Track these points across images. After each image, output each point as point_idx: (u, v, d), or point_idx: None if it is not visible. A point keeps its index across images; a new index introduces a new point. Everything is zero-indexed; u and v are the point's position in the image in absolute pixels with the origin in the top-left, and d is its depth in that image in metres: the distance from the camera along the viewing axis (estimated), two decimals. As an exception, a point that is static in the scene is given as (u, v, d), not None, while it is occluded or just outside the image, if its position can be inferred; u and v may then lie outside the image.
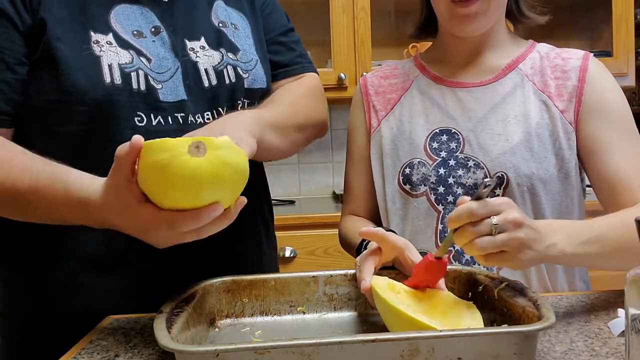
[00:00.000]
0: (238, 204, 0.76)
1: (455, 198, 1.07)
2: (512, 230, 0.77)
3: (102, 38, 0.94)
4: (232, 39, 1.05)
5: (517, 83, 1.10)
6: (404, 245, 0.90)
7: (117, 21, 0.96)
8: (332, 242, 2.07)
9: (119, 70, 0.93)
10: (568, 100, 1.06)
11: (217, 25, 1.05)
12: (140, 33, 0.97)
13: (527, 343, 0.67)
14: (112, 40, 0.94)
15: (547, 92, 1.08)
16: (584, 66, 1.08)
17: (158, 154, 0.69)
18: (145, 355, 0.78)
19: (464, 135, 1.09)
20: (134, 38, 0.96)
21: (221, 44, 1.04)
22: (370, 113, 1.19)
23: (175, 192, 0.70)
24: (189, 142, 0.69)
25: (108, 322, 0.91)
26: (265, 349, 0.64)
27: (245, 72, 1.04)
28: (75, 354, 0.79)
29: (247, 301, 0.91)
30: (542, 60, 1.11)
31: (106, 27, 0.95)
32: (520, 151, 1.05)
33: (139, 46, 0.96)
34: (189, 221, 0.71)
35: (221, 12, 1.07)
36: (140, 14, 0.98)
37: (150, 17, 0.99)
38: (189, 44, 1.01)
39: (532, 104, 1.07)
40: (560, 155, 1.05)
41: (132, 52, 0.95)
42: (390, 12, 2.63)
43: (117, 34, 0.95)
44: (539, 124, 1.06)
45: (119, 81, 0.93)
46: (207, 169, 0.69)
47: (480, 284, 0.87)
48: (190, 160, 0.68)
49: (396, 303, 0.76)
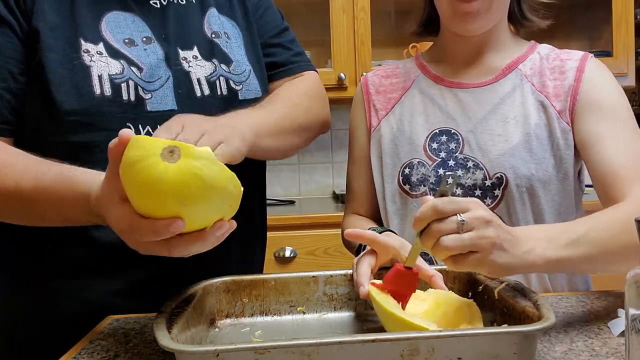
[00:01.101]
0: (218, 227, 0.68)
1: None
2: (481, 227, 0.72)
3: (93, 48, 0.93)
4: (225, 50, 1.04)
5: (516, 84, 1.10)
6: (399, 245, 0.89)
7: (108, 29, 0.95)
8: (332, 242, 2.07)
9: (109, 81, 0.92)
10: (564, 99, 1.06)
11: (210, 35, 1.04)
12: (131, 41, 0.96)
13: (527, 343, 0.67)
14: (103, 50, 0.94)
15: (545, 92, 1.08)
16: (581, 66, 1.08)
17: (131, 151, 0.65)
18: (145, 355, 0.78)
19: (464, 135, 1.09)
20: (125, 46, 0.96)
21: (214, 54, 1.03)
22: (370, 112, 1.19)
23: (140, 195, 0.66)
24: (165, 144, 0.64)
25: (108, 322, 0.91)
26: (265, 349, 0.64)
27: (239, 84, 1.04)
28: (75, 354, 0.79)
29: (247, 301, 0.91)
30: (542, 61, 1.11)
31: (97, 36, 0.94)
32: (520, 152, 1.05)
33: (130, 55, 0.95)
34: (145, 230, 0.66)
35: (214, 21, 1.06)
36: (132, 22, 0.98)
37: (141, 26, 0.98)
38: (182, 53, 1.00)
39: (531, 105, 1.07)
40: (558, 156, 1.05)
41: (123, 61, 0.94)
42: (390, 12, 2.63)
43: (108, 43, 0.94)
44: (537, 124, 1.06)
45: (108, 92, 0.92)
46: (173, 177, 0.63)
47: (480, 284, 0.87)
48: (159, 164, 0.63)
49: (392, 307, 0.76)
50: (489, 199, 1.05)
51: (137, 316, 0.93)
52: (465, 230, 0.71)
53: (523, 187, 1.04)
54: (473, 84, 1.13)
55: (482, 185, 1.06)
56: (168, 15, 1.01)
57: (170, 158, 0.63)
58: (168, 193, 0.64)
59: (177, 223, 0.65)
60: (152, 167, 0.63)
